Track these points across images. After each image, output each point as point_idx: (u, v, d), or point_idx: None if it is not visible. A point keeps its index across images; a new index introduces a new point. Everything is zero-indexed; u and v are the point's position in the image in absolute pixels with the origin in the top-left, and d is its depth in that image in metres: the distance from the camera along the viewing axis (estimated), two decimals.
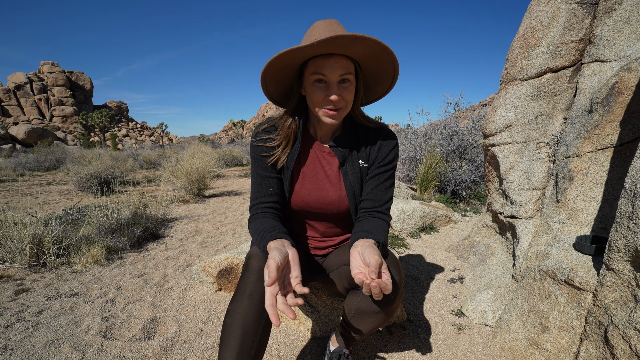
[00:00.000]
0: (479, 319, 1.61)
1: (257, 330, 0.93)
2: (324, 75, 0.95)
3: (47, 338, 1.45)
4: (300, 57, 0.96)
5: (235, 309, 0.94)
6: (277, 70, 1.01)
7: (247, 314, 0.92)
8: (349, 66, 0.97)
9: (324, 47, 0.90)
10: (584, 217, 1.54)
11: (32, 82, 69.81)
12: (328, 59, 0.95)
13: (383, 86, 1.11)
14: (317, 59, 0.96)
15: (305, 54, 0.94)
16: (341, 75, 0.96)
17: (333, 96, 0.95)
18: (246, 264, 0.99)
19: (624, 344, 0.99)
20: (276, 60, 0.95)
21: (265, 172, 1.13)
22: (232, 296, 0.97)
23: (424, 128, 5.87)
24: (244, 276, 0.97)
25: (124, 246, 2.62)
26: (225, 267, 1.82)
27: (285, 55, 0.93)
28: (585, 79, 1.72)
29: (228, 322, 0.93)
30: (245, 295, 0.94)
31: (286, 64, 0.99)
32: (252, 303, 0.93)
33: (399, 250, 2.65)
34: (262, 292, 0.94)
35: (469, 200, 4.62)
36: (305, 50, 0.90)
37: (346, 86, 0.98)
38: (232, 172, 9.29)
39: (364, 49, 0.94)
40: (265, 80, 1.04)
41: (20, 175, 8.28)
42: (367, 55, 0.97)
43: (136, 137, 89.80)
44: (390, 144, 1.14)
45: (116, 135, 26.96)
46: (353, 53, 0.96)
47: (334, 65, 0.95)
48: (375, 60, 1.00)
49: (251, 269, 0.96)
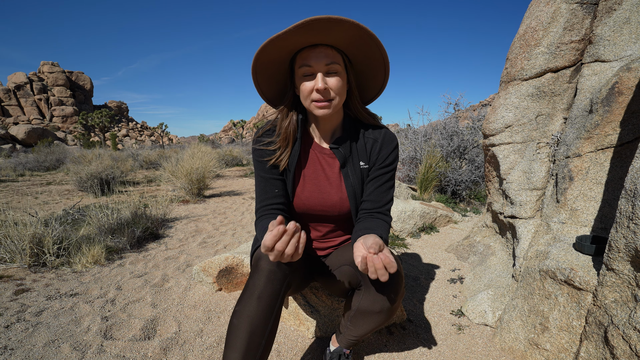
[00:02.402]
0: (479, 319, 1.61)
1: (264, 332, 0.92)
2: (310, 65, 0.96)
3: (47, 338, 1.45)
4: (284, 47, 0.95)
5: (242, 310, 0.93)
6: (267, 65, 1.01)
7: (255, 315, 0.91)
8: (335, 55, 0.97)
9: (304, 33, 0.89)
10: (584, 217, 1.54)
11: (32, 82, 69.81)
12: (313, 49, 0.95)
13: (377, 80, 1.10)
14: (303, 52, 0.97)
15: (288, 44, 0.94)
16: (327, 65, 0.96)
17: (320, 84, 0.95)
18: (255, 265, 0.99)
19: (624, 344, 0.99)
20: (261, 54, 0.95)
21: (268, 174, 1.12)
22: (240, 297, 0.96)
23: (424, 128, 5.87)
24: (252, 277, 0.96)
25: (124, 246, 2.62)
26: (225, 267, 1.82)
27: (268, 46, 0.93)
28: (586, 79, 1.72)
29: (235, 323, 0.92)
30: (254, 296, 0.93)
31: (274, 58, 0.99)
32: (261, 305, 0.92)
33: (399, 250, 2.65)
34: (271, 294, 0.94)
35: (469, 200, 4.62)
36: (285, 37, 0.90)
37: (333, 77, 0.98)
38: (232, 172, 9.29)
39: (346, 35, 0.93)
40: (257, 78, 1.04)
41: (20, 175, 8.28)
42: (351, 42, 0.96)
43: (136, 137, 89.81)
44: (391, 146, 1.14)
45: (116, 135, 26.97)
46: (336, 41, 0.95)
47: (319, 55, 0.95)
48: (361, 49, 0.99)
49: (261, 271, 0.96)
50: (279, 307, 0.97)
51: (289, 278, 0.99)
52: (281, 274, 0.96)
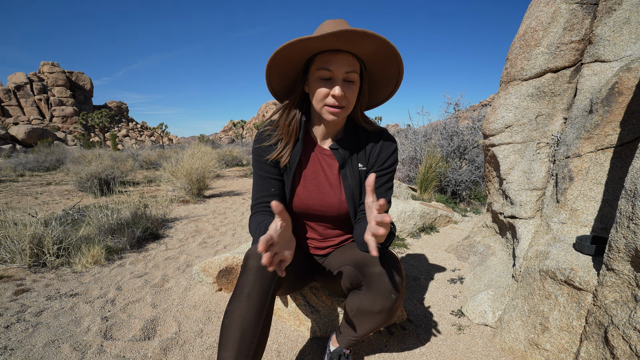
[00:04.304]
0: (479, 319, 1.61)
1: (255, 330, 0.93)
2: (330, 70, 0.96)
3: (47, 338, 1.44)
4: (309, 49, 0.96)
5: (233, 309, 0.94)
6: (284, 61, 1.01)
7: (246, 314, 0.92)
8: (355, 64, 0.98)
9: (334, 40, 0.90)
10: (584, 217, 1.54)
11: (32, 82, 69.83)
12: (335, 54, 0.95)
13: (386, 91, 1.12)
14: (324, 55, 0.96)
15: (314, 46, 0.94)
16: (347, 73, 0.96)
17: (337, 91, 0.96)
18: (244, 264, 1.00)
19: (624, 344, 0.99)
20: (284, 49, 0.95)
21: (267, 173, 1.13)
22: (231, 296, 0.97)
23: (424, 128, 5.87)
24: (242, 276, 0.97)
25: (124, 246, 2.61)
26: (225, 267, 1.82)
27: (295, 44, 0.93)
28: (585, 79, 1.72)
29: (226, 323, 0.93)
30: (243, 295, 0.94)
31: (294, 56, 0.99)
32: (251, 303, 0.93)
33: (399, 250, 2.65)
34: (261, 292, 0.95)
35: (469, 200, 4.62)
36: (315, 41, 0.91)
37: (350, 85, 0.99)
38: (232, 172, 9.29)
39: (371, 48, 0.94)
40: (271, 72, 1.04)
41: (20, 176, 8.28)
42: (374, 55, 0.98)
43: (136, 137, 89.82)
44: (390, 148, 1.15)
45: (116, 136, 26.97)
46: (360, 51, 0.96)
47: (341, 62, 0.95)
48: (381, 62, 1.01)
49: (249, 269, 0.97)
50: (270, 304, 0.98)
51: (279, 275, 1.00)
52: (269, 271, 0.97)
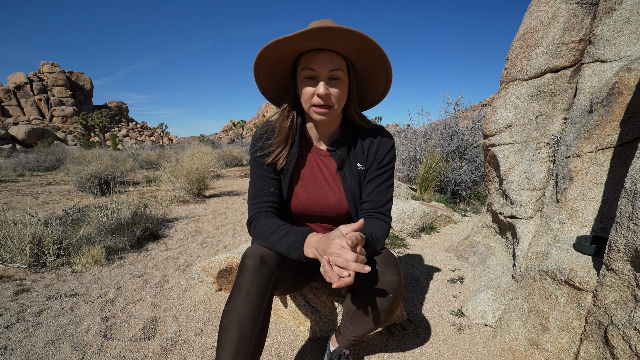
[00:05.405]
0: (479, 319, 1.61)
1: (253, 330, 0.93)
2: (314, 69, 0.96)
3: (47, 338, 1.44)
4: (291, 49, 0.96)
5: (231, 309, 0.94)
6: (270, 64, 1.02)
7: (244, 314, 0.92)
8: (339, 62, 0.97)
9: (311, 38, 0.90)
10: (584, 217, 1.54)
11: (32, 82, 69.82)
12: (318, 53, 0.96)
13: (378, 88, 1.11)
14: (308, 54, 0.97)
15: (293, 46, 0.94)
16: (330, 71, 0.96)
17: (321, 89, 0.95)
18: (241, 263, 0.99)
19: (624, 344, 0.99)
20: (265, 52, 0.96)
21: (264, 172, 1.13)
22: (229, 296, 0.97)
23: (424, 128, 5.87)
24: (239, 276, 0.97)
25: (124, 246, 2.61)
26: (225, 267, 1.82)
27: (273, 46, 0.93)
28: (585, 79, 1.72)
29: (224, 323, 0.93)
30: (241, 295, 0.94)
31: (278, 58, 0.99)
32: (248, 302, 0.93)
33: (399, 250, 2.65)
34: (258, 292, 0.95)
35: (469, 200, 4.62)
36: (292, 40, 0.91)
37: (336, 83, 0.98)
38: (232, 172, 9.29)
39: (353, 44, 0.94)
40: (258, 74, 1.05)
41: (20, 176, 8.28)
42: (358, 52, 0.97)
43: (136, 137, 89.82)
44: (388, 145, 1.15)
45: (116, 136, 26.96)
46: (342, 48, 0.96)
47: (324, 60, 0.95)
48: (366, 59, 1.00)
49: (246, 269, 0.97)
50: (268, 304, 0.98)
51: (276, 275, 1.00)
52: (267, 271, 0.97)
